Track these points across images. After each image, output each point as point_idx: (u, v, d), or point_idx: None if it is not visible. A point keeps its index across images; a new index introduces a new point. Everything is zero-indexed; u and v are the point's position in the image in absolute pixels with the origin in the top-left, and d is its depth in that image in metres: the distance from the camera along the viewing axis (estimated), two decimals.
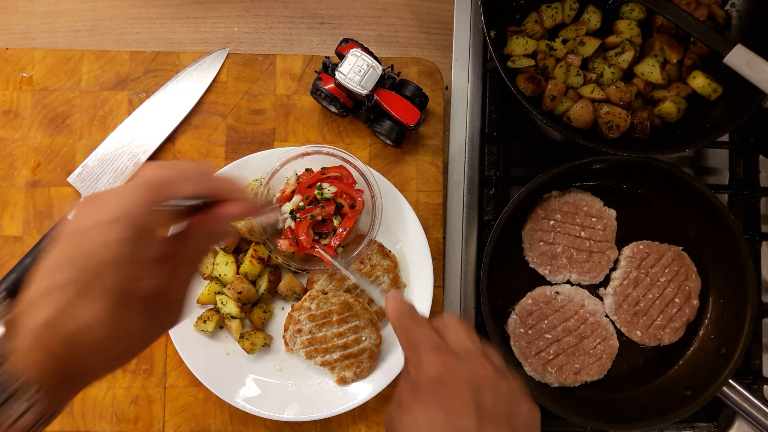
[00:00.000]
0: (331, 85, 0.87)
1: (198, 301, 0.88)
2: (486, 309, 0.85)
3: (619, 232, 0.93)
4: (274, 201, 0.84)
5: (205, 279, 0.88)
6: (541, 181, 0.87)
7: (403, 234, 0.89)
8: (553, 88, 0.86)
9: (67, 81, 0.94)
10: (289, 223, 0.84)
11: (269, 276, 0.88)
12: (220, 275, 0.86)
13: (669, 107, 0.88)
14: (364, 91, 0.84)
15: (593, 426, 0.87)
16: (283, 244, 0.84)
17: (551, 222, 0.92)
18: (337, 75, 0.84)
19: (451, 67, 0.98)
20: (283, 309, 0.91)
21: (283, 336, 0.87)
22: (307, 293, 0.87)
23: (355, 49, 0.85)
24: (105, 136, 0.92)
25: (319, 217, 0.83)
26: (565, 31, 0.91)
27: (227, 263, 0.86)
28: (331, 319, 0.85)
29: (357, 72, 0.84)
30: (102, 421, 0.88)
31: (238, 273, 0.87)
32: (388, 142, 0.92)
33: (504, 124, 0.95)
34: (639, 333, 0.91)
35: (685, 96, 0.90)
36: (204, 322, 0.86)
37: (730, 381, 0.86)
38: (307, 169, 0.87)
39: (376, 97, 0.86)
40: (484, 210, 0.94)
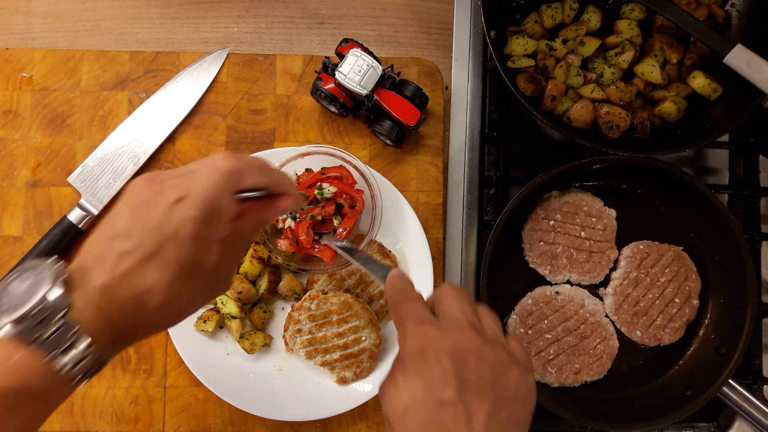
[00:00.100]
0: (331, 85, 0.87)
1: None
2: None
3: (619, 232, 0.93)
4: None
5: None
6: (541, 181, 0.87)
7: (403, 234, 0.89)
8: (553, 88, 0.86)
9: (67, 81, 0.94)
10: (289, 223, 0.84)
11: (269, 276, 0.88)
12: None
13: (669, 107, 0.88)
14: (364, 91, 0.84)
15: (593, 426, 0.87)
16: (283, 244, 0.84)
17: (551, 222, 0.92)
18: (337, 75, 0.84)
19: (451, 67, 0.98)
20: (283, 309, 0.91)
21: (283, 336, 0.87)
22: (307, 293, 0.87)
23: (355, 49, 0.85)
24: (105, 136, 0.92)
25: (319, 217, 0.83)
26: (565, 31, 0.91)
27: None
28: (331, 319, 0.85)
29: (357, 72, 0.84)
30: (102, 421, 0.88)
31: (238, 273, 0.87)
32: (388, 142, 0.92)
33: (504, 124, 0.95)
34: (639, 333, 0.91)
35: (685, 96, 0.90)
36: (204, 322, 0.86)
37: (730, 381, 0.86)
38: (307, 169, 0.87)
39: (376, 97, 0.86)
40: (484, 210, 0.94)
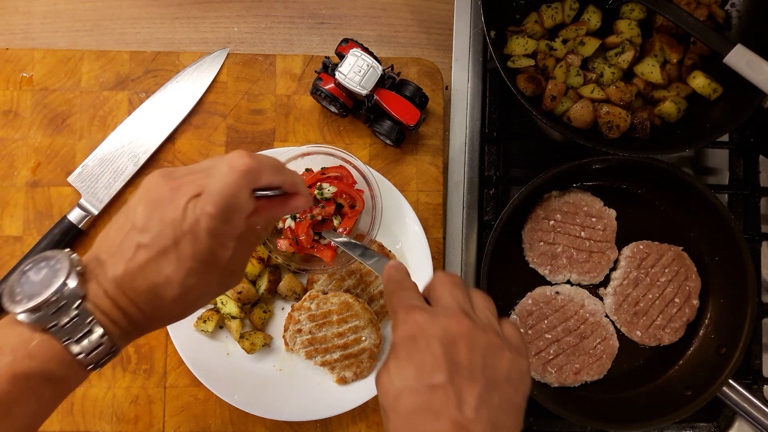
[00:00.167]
0: (331, 85, 0.87)
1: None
2: None
3: (619, 232, 0.93)
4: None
5: None
6: (541, 181, 0.87)
7: (403, 234, 0.89)
8: (553, 88, 0.86)
9: (67, 81, 0.94)
10: (289, 223, 0.84)
11: (269, 276, 0.88)
12: None
13: (669, 107, 0.88)
14: (364, 91, 0.84)
15: (593, 426, 0.87)
16: (283, 244, 0.84)
17: (551, 222, 0.92)
18: (337, 75, 0.84)
19: (451, 67, 0.98)
20: (283, 309, 0.91)
21: (283, 336, 0.87)
22: (307, 293, 0.87)
23: (355, 49, 0.85)
24: (105, 136, 0.92)
25: (319, 217, 0.83)
26: (565, 31, 0.91)
27: None
28: (331, 319, 0.85)
29: (357, 72, 0.84)
30: (102, 421, 0.88)
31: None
32: (388, 142, 0.92)
33: (504, 124, 0.95)
34: (639, 333, 0.91)
35: (685, 96, 0.90)
36: (204, 322, 0.86)
37: (730, 381, 0.86)
38: (307, 169, 0.87)
39: (376, 97, 0.86)
40: (484, 210, 0.94)
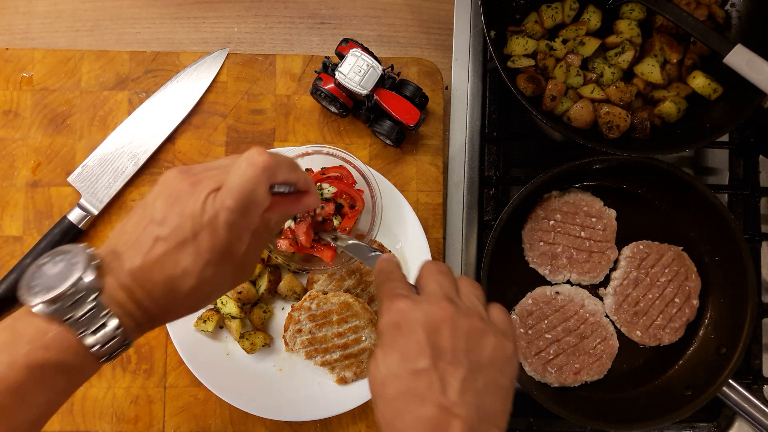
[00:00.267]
0: (331, 85, 0.87)
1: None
2: None
3: (619, 232, 0.93)
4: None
5: None
6: (541, 181, 0.87)
7: (403, 234, 0.89)
8: (553, 88, 0.86)
9: (67, 81, 0.94)
10: (289, 223, 0.84)
11: (269, 276, 0.88)
12: None
13: (669, 107, 0.88)
14: (364, 91, 0.84)
15: (593, 426, 0.87)
16: (283, 244, 0.84)
17: (551, 222, 0.92)
18: (337, 75, 0.84)
19: (451, 67, 0.98)
20: (283, 309, 0.91)
21: (283, 336, 0.87)
22: (307, 293, 0.87)
23: (355, 49, 0.85)
24: (105, 136, 0.92)
25: (320, 218, 0.83)
26: (565, 31, 0.91)
27: None
28: (331, 319, 0.85)
29: (357, 72, 0.84)
30: (102, 421, 0.88)
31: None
32: (388, 142, 0.92)
33: (504, 124, 0.95)
34: (639, 333, 0.91)
35: (685, 96, 0.90)
36: (204, 322, 0.86)
37: (730, 381, 0.86)
38: (307, 169, 0.87)
39: (376, 97, 0.86)
40: (484, 210, 0.94)
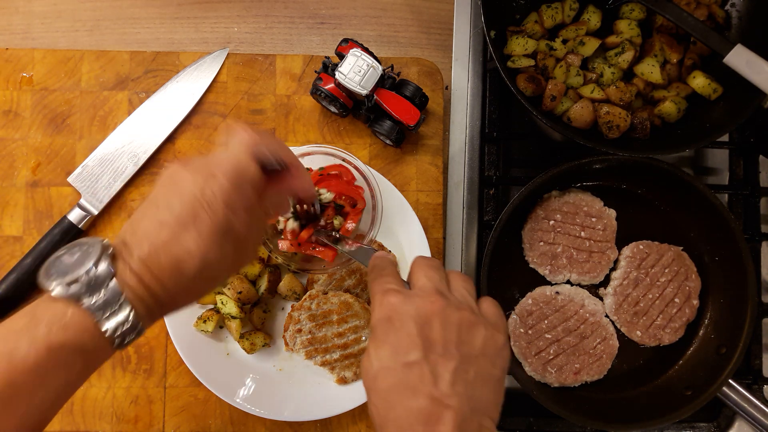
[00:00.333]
0: (331, 85, 0.87)
1: (198, 301, 0.88)
2: None
3: (619, 232, 0.93)
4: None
5: None
6: (541, 181, 0.87)
7: (403, 234, 0.89)
8: (553, 88, 0.86)
9: (67, 81, 0.94)
10: (291, 225, 0.83)
11: (269, 276, 0.88)
12: None
13: (669, 107, 0.88)
14: (364, 91, 0.84)
15: (593, 426, 0.87)
16: (284, 245, 0.84)
17: (551, 222, 0.92)
18: (337, 75, 0.84)
19: (451, 67, 0.98)
20: (283, 309, 0.91)
21: (283, 336, 0.87)
22: (307, 293, 0.87)
23: (355, 49, 0.85)
24: (105, 136, 0.92)
25: (322, 221, 0.83)
26: (565, 31, 0.91)
27: None
28: (331, 318, 0.85)
29: (357, 72, 0.84)
30: (102, 421, 0.88)
31: (238, 273, 0.87)
32: (388, 142, 0.92)
33: (504, 124, 0.95)
34: (639, 333, 0.91)
35: (685, 96, 0.90)
36: (204, 322, 0.86)
37: (730, 381, 0.86)
38: (307, 169, 0.86)
39: (376, 97, 0.86)
40: (484, 210, 0.94)
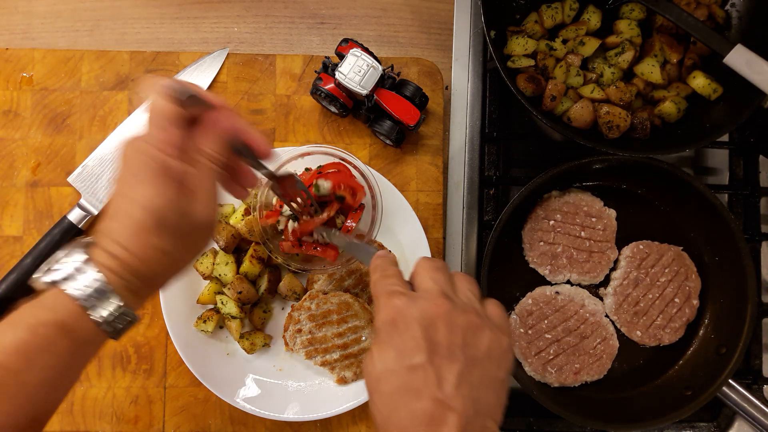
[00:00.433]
0: (331, 85, 0.87)
1: (198, 301, 0.88)
2: None
3: (619, 232, 0.93)
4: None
5: (205, 279, 0.88)
6: (541, 181, 0.87)
7: (403, 234, 0.89)
8: (553, 88, 0.86)
9: (67, 81, 0.94)
10: (292, 225, 0.83)
11: (269, 276, 0.88)
12: (220, 275, 0.86)
13: (669, 107, 0.88)
14: (364, 91, 0.84)
15: (593, 426, 0.87)
16: (285, 245, 0.83)
17: (551, 222, 0.92)
18: (337, 75, 0.84)
19: (451, 67, 0.98)
20: (283, 309, 0.91)
21: (283, 336, 0.87)
22: (307, 293, 0.87)
23: (355, 49, 0.85)
24: (105, 136, 0.92)
25: (324, 214, 0.82)
26: (565, 31, 0.91)
27: (227, 263, 0.86)
28: (331, 318, 0.85)
29: (357, 72, 0.84)
30: (102, 421, 0.88)
31: (238, 273, 0.87)
32: (388, 142, 0.92)
33: (504, 124, 0.95)
34: (639, 333, 0.91)
35: (685, 96, 0.90)
36: (204, 322, 0.86)
37: (730, 381, 0.86)
38: (306, 169, 0.87)
39: (376, 97, 0.86)
40: (484, 210, 0.94)
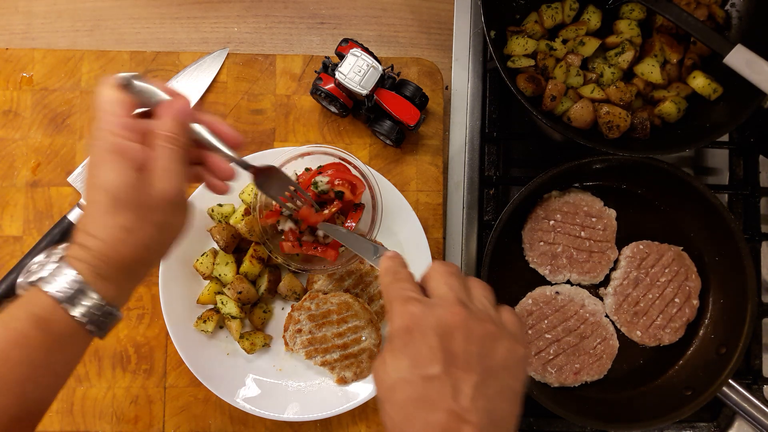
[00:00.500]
0: (331, 85, 0.87)
1: (198, 301, 0.88)
2: None
3: (619, 232, 0.93)
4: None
5: (205, 279, 0.88)
6: (541, 181, 0.87)
7: (403, 234, 0.89)
8: (553, 88, 0.86)
9: (67, 81, 0.94)
10: (290, 225, 0.83)
11: (269, 276, 0.88)
12: (220, 275, 0.86)
13: (669, 107, 0.88)
14: (364, 91, 0.84)
15: (593, 426, 0.87)
16: (285, 245, 0.83)
17: (551, 222, 0.92)
18: (337, 75, 0.84)
19: (451, 67, 0.98)
20: (283, 309, 0.91)
21: (283, 336, 0.87)
22: (307, 293, 0.87)
23: (355, 49, 0.85)
24: None
25: (325, 211, 0.82)
26: (565, 31, 0.91)
27: (227, 263, 0.86)
28: (331, 318, 0.85)
29: (357, 72, 0.84)
30: (102, 421, 0.88)
31: (238, 273, 0.87)
32: (388, 142, 0.92)
33: (504, 124, 0.95)
34: (639, 333, 0.91)
35: (685, 96, 0.90)
36: (204, 322, 0.86)
37: (730, 381, 0.86)
38: (307, 169, 0.87)
39: (376, 97, 0.86)
40: (484, 210, 0.94)
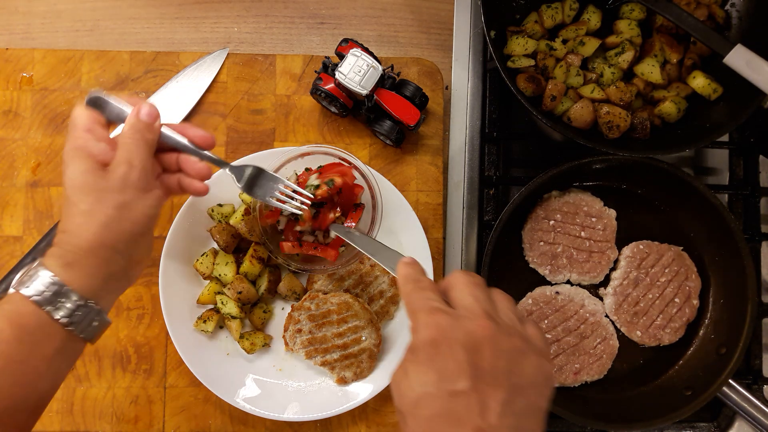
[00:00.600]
0: (331, 85, 0.87)
1: (198, 301, 0.88)
2: None
3: (619, 232, 0.93)
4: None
5: (205, 279, 0.88)
6: (541, 181, 0.87)
7: (403, 234, 0.89)
8: (553, 88, 0.86)
9: (67, 81, 0.94)
10: (283, 221, 0.83)
11: (269, 276, 0.88)
12: (220, 275, 0.86)
13: (669, 107, 0.88)
14: (364, 91, 0.84)
15: (593, 426, 0.87)
16: (285, 245, 0.83)
17: (551, 222, 0.92)
18: (337, 75, 0.84)
19: (451, 67, 0.98)
20: (283, 309, 0.91)
21: (283, 336, 0.87)
22: (307, 293, 0.87)
23: (355, 49, 0.85)
24: None
25: (315, 202, 0.81)
26: (565, 31, 0.91)
27: (227, 263, 0.86)
28: (331, 319, 0.85)
29: (357, 72, 0.84)
30: (102, 421, 0.88)
31: (238, 273, 0.87)
32: (388, 142, 0.92)
33: (504, 124, 0.95)
34: (639, 333, 0.91)
35: (685, 96, 0.90)
36: (204, 322, 0.86)
37: (730, 381, 0.86)
38: (307, 169, 0.87)
39: (376, 97, 0.86)
40: (484, 210, 0.94)
